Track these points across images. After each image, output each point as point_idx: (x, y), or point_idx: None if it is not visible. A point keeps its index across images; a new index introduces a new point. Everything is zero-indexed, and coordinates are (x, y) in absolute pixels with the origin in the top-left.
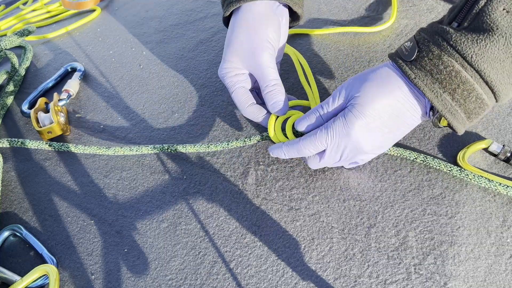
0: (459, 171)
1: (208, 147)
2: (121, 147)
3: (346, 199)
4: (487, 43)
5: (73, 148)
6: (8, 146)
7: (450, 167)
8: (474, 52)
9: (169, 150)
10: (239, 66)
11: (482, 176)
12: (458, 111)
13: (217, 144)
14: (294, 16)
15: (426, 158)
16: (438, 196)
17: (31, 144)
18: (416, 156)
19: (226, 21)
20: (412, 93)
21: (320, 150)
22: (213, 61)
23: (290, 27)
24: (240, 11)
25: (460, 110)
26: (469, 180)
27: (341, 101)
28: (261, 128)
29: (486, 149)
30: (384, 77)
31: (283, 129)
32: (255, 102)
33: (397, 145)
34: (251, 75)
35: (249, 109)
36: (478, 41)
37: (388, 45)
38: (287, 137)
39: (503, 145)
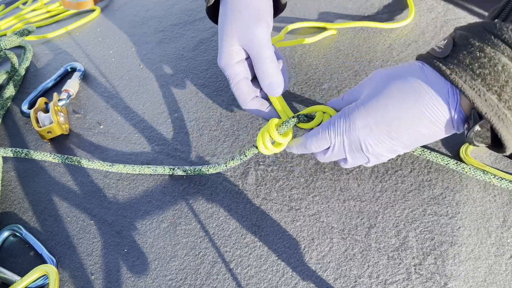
0: (456, 164)
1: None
2: (124, 166)
3: (346, 199)
4: None
5: (76, 162)
6: (12, 156)
7: (447, 160)
8: None
9: (171, 173)
10: (238, 48)
11: (478, 169)
12: (507, 115)
13: (216, 166)
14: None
15: (424, 152)
16: (438, 197)
17: (36, 155)
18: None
19: (211, 15)
20: (443, 103)
21: (325, 147)
22: (213, 61)
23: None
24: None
25: (510, 115)
26: (465, 172)
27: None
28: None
29: None
30: (411, 89)
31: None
32: (258, 94)
33: None
34: (250, 60)
35: (251, 103)
36: None
37: (388, 45)
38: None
39: None
